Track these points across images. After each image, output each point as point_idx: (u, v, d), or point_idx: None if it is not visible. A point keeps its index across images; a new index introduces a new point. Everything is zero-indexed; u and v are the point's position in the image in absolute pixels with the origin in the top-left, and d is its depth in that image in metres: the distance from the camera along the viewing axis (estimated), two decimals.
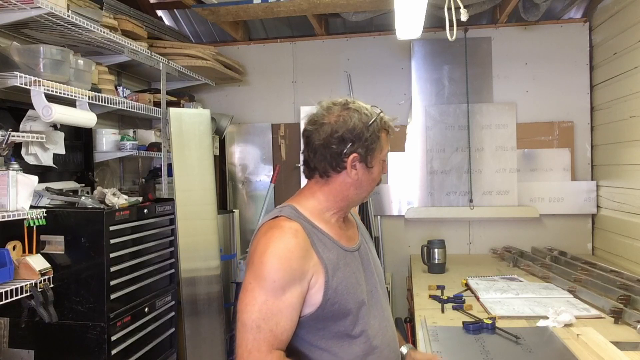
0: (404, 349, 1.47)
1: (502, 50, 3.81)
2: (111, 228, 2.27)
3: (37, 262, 2.08)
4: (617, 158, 3.30)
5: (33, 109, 2.19)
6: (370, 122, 1.29)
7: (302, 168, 1.40)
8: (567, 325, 2.00)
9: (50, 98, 2.17)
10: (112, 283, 2.25)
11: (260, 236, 1.24)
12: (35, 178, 2.08)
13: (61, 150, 2.53)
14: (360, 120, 1.28)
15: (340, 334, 1.26)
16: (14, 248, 2.06)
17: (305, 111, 3.96)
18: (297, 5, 3.27)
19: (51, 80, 2.16)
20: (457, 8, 2.26)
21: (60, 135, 2.52)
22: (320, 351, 1.25)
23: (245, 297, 1.18)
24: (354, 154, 1.28)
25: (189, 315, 2.97)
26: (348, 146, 1.27)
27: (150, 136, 3.43)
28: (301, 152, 1.37)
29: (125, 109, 2.90)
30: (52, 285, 2.12)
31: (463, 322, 2.05)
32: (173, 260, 2.86)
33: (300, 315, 1.22)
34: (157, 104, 3.24)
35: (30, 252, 2.09)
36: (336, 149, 1.28)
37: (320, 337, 1.25)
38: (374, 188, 1.38)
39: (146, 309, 2.56)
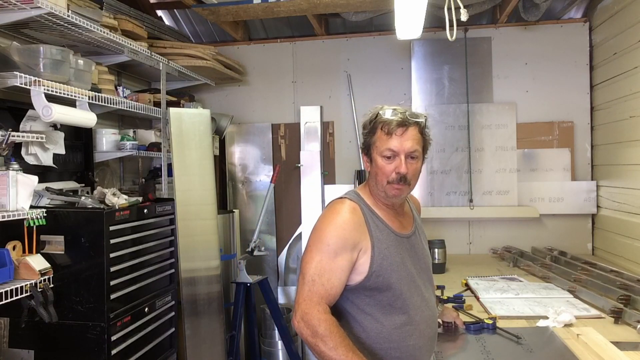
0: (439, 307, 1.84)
1: (502, 50, 3.81)
2: (111, 228, 2.27)
3: (37, 262, 2.08)
4: (617, 158, 3.30)
5: (33, 109, 2.18)
6: (374, 117, 1.51)
7: None
8: (567, 325, 2.00)
9: (50, 98, 2.16)
10: (112, 283, 2.25)
11: (326, 210, 1.53)
12: (35, 178, 2.08)
13: (61, 150, 2.52)
14: (364, 120, 1.55)
15: (384, 304, 1.46)
16: (14, 248, 2.06)
17: (305, 111, 3.97)
18: (297, 5, 3.27)
19: (51, 80, 2.16)
20: (457, 8, 2.26)
21: (60, 135, 2.52)
22: (366, 315, 1.47)
23: (306, 255, 1.45)
24: (361, 147, 1.58)
25: (189, 315, 2.97)
26: (363, 137, 1.56)
27: (150, 136, 3.42)
28: None
29: (125, 109, 2.89)
30: (52, 285, 2.12)
31: (464, 322, 2.04)
32: (173, 260, 2.86)
33: (353, 283, 1.45)
34: (157, 104, 3.24)
35: (30, 252, 2.09)
36: (363, 140, 1.58)
37: (367, 303, 1.46)
38: (390, 183, 1.48)
39: (146, 309, 2.56)
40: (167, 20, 4.17)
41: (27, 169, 2.19)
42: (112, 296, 2.26)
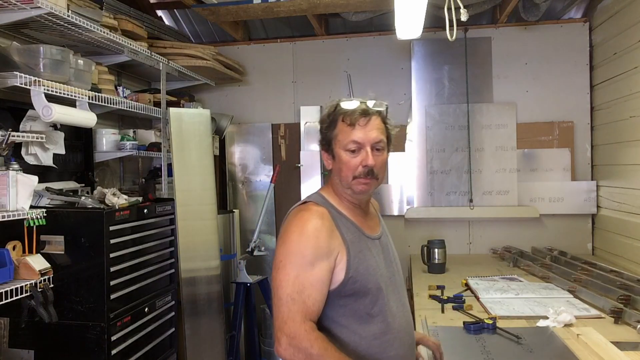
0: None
1: (502, 50, 3.81)
2: (111, 228, 2.27)
3: (37, 262, 2.08)
4: (617, 158, 3.30)
5: (33, 109, 2.18)
6: (328, 115, 1.42)
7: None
8: (567, 325, 2.00)
9: (50, 98, 2.17)
10: (112, 283, 2.25)
11: (290, 218, 1.37)
12: (35, 178, 2.08)
13: (61, 150, 2.52)
14: (322, 115, 1.46)
15: (360, 313, 1.34)
16: (14, 248, 2.06)
17: (305, 111, 3.97)
18: (297, 5, 3.27)
19: (51, 80, 2.16)
20: (457, 8, 2.26)
21: (60, 135, 2.52)
22: (341, 327, 1.34)
23: (279, 274, 1.29)
24: (320, 145, 1.46)
25: (189, 315, 2.97)
26: (319, 139, 1.46)
27: (150, 136, 3.42)
28: None
29: (125, 109, 2.90)
30: (52, 285, 2.12)
31: (464, 322, 2.05)
32: (173, 260, 2.86)
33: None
34: (157, 104, 3.24)
35: (30, 252, 2.09)
36: (321, 135, 1.46)
37: (341, 314, 1.34)
38: (357, 178, 1.37)
39: (146, 309, 2.56)
40: (167, 20, 4.17)
41: (27, 169, 2.19)
42: (112, 296, 2.26)
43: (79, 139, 2.92)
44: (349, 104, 1.39)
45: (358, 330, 1.34)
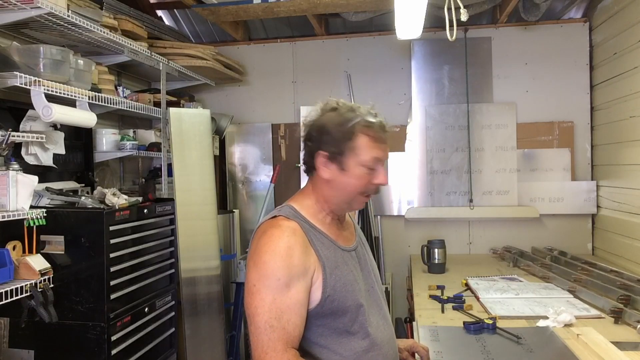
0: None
1: (502, 50, 3.81)
2: (111, 228, 2.27)
3: (37, 262, 2.08)
4: (617, 158, 3.30)
5: (33, 109, 2.18)
6: (353, 123, 1.28)
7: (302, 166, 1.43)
8: (567, 325, 1.99)
9: (50, 98, 2.16)
10: (112, 283, 2.25)
11: (259, 236, 1.26)
12: (35, 178, 2.08)
13: (61, 150, 2.52)
14: (331, 120, 1.30)
15: (339, 331, 1.27)
16: (14, 248, 2.05)
17: (305, 111, 3.96)
18: (297, 5, 3.27)
19: (51, 80, 2.16)
20: (457, 8, 2.26)
21: (60, 135, 2.52)
22: (320, 348, 1.26)
23: (254, 300, 1.19)
24: (322, 152, 1.30)
25: (189, 315, 2.97)
26: (317, 144, 1.31)
27: (150, 136, 3.43)
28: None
29: (125, 109, 2.90)
30: (52, 285, 2.12)
31: (464, 322, 2.05)
32: (173, 260, 2.86)
33: None
34: (157, 104, 3.24)
35: (30, 252, 2.09)
36: (310, 146, 1.33)
37: (319, 334, 1.26)
38: (362, 195, 1.33)
39: (146, 309, 2.56)
40: (167, 20, 4.17)
41: (27, 169, 2.19)
42: (112, 296, 2.26)
43: (79, 139, 2.92)
44: (371, 117, 1.30)
45: (339, 349, 1.26)
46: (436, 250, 3.15)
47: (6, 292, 1.92)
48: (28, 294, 2.02)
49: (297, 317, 1.20)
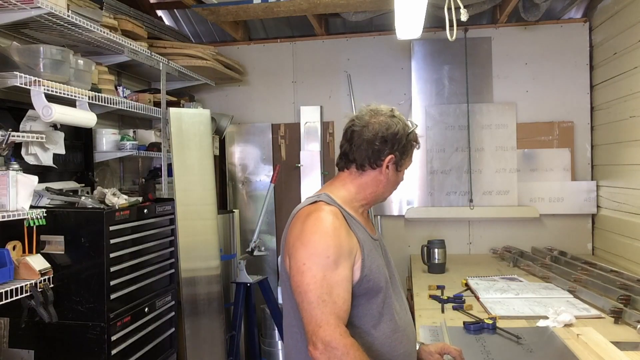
0: (417, 345, 1.57)
1: (502, 50, 3.81)
2: (111, 228, 2.27)
3: (37, 262, 2.08)
4: (617, 158, 3.30)
5: (33, 109, 2.18)
6: (410, 132, 1.46)
7: (336, 159, 1.53)
8: (567, 325, 2.00)
9: (50, 98, 2.16)
10: (112, 283, 2.25)
11: (303, 219, 1.35)
12: (35, 178, 2.08)
13: (61, 150, 2.52)
14: (402, 128, 1.45)
15: (373, 313, 1.36)
16: (14, 248, 2.06)
17: (305, 111, 3.97)
18: (297, 5, 3.27)
19: (51, 80, 2.16)
20: (457, 8, 2.26)
21: (60, 135, 2.52)
22: (354, 328, 1.33)
23: (304, 277, 1.26)
24: (391, 155, 1.43)
25: (189, 315, 2.97)
26: (388, 147, 1.43)
27: (150, 136, 3.43)
28: (340, 144, 1.50)
29: (125, 109, 2.90)
30: (52, 285, 2.12)
31: (464, 322, 2.05)
32: (173, 260, 2.86)
33: None
34: (157, 104, 3.24)
35: (30, 252, 2.09)
36: (378, 147, 1.42)
37: (354, 315, 1.33)
38: (392, 192, 1.53)
39: (146, 309, 2.56)
40: (167, 20, 4.17)
41: (27, 169, 2.19)
42: (112, 296, 2.26)
43: (79, 139, 2.92)
44: (411, 126, 1.48)
45: (371, 330, 1.35)
46: (436, 250, 3.15)
47: (6, 292, 1.92)
48: (28, 294, 2.02)
49: (345, 292, 1.28)
